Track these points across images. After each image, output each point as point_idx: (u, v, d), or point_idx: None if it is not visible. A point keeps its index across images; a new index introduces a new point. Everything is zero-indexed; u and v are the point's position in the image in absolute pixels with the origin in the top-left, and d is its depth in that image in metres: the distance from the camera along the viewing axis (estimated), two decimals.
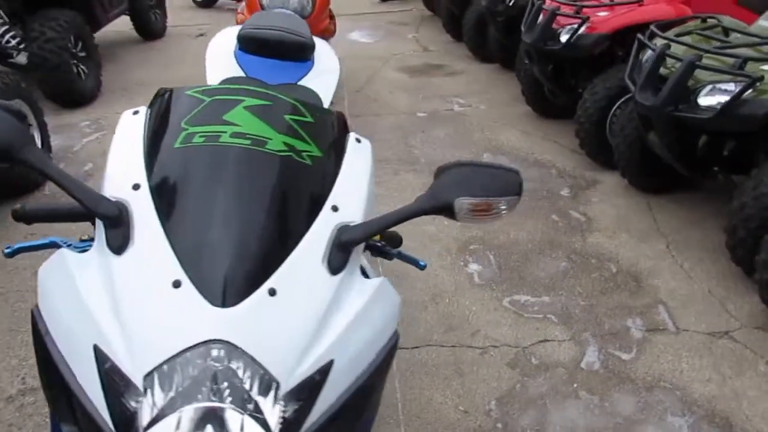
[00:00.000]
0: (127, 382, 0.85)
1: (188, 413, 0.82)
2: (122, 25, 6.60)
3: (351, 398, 0.96)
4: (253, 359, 0.86)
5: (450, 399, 2.17)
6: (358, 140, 1.19)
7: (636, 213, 3.28)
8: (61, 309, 0.91)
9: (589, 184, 3.61)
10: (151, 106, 1.13)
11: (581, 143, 3.71)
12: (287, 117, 1.10)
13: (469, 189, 1.01)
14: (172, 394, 0.84)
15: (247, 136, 1.02)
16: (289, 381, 0.88)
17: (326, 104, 2.13)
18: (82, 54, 4.79)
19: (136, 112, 1.11)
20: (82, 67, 4.75)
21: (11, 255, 1.03)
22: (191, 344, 0.84)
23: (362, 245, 1.07)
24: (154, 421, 0.83)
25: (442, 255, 2.99)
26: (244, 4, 4.22)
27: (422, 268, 1.34)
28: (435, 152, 4.07)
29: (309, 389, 0.91)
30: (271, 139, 1.04)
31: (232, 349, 0.87)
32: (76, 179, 0.96)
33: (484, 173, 1.03)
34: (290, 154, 1.04)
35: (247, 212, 0.97)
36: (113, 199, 0.96)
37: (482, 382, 2.24)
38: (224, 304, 0.88)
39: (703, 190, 3.38)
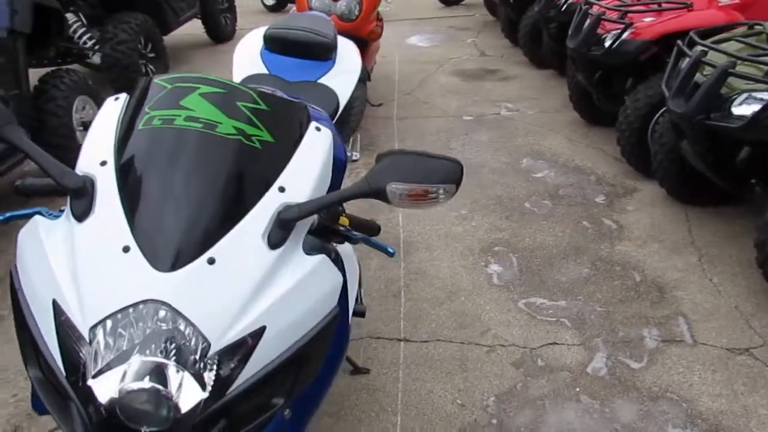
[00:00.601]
0: (77, 334, 0.97)
1: (134, 366, 0.92)
2: (194, 29, 7.00)
3: (284, 363, 1.05)
4: (186, 319, 0.97)
5: (450, 393, 2.22)
6: (318, 129, 1.29)
7: (671, 223, 3.20)
8: (31, 267, 1.06)
9: (627, 192, 3.54)
10: (131, 92, 1.27)
11: (622, 151, 3.64)
12: (240, 104, 1.20)
13: (402, 175, 1.08)
14: (123, 347, 0.95)
15: (200, 119, 1.14)
16: (219, 342, 0.98)
17: (343, 102, 2.24)
18: (152, 55, 5.14)
19: (116, 98, 1.26)
20: (150, 67, 5.10)
21: (4, 222, 1.19)
22: (131, 303, 0.96)
23: (307, 224, 1.17)
24: (100, 372, 0.94)
25: (464, 254, 3.03)
26: (295, 6, 4.41)
27: (391, 255, 1.41)
28: (474, 155, 4.10)
29: (241, 351, 1.01)
30: (221, 123, 1.15)
31: (175, 310, 0.98)
32: (48, 155, 1.10)
33: (421, 161, 1.10)
34: (239, 137, 1.15)
35: (195, 189, 1.08)
36: (82, 174, 1.10)
37: (484, 379, 2.27)
38: (165, 269, 1.00)
39: (746, 203, 3.25)
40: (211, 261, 1.02)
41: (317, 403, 1.25)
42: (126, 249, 1.01)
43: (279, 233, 1.09)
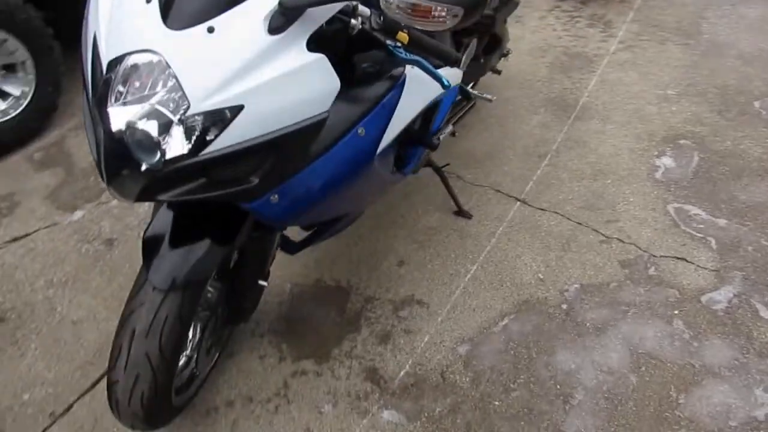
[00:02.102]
0: (101, 66, 1.14)
1: (145, 108, 1.07)
2: None
3: (258, 146, 1.12)
4: (175, 77, 1.07)
5: (536, 264, 2.13)
6: None
7: None
8: (91, 3, 1.23)
9: None
10: None
11: None
12: None
13: None
14: (143, 91, 1.10)
15: None
16: (199, 105, 1.07)
17: None
18: None
19: None
20: None
21: None
22: (134, 50, 1.08)
23: (317, 21, 1.13)
24: (120, 104, 1.11)
25: (640, 137, 2.66)
26: None
27: (445, 87, 1.33)
28: (726, 32, 3.36)
29: (219, 122, 1.09)
30: None
31: (169, 66, 1.08)
32: None
33: None
34: None
35: None
36: None
37: (580, 265, 2.11)
38: (173, 27, 1.09)
39: None
40: (211, 30, 1.08)
41: (308, 203, 1.30)
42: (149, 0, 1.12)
43: (279, 19, 1.09)
